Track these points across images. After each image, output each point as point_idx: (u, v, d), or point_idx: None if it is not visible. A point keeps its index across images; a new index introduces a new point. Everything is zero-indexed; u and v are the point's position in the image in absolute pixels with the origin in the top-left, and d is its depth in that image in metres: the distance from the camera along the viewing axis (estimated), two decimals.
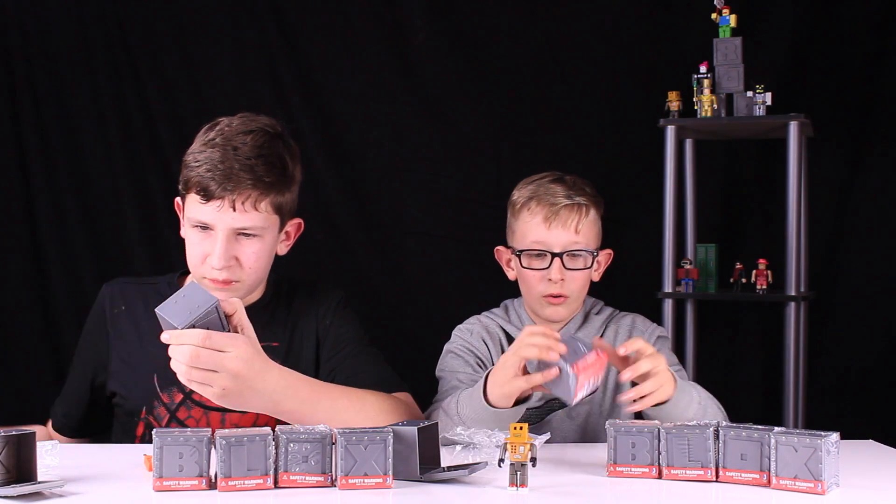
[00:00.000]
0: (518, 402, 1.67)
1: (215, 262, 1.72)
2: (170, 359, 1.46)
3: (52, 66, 3.29)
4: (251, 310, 1.82)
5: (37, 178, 3.28)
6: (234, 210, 1.71)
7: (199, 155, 1.73)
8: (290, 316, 1.90)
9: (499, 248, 2.10)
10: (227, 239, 1.72)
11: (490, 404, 1.65)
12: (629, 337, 2.02)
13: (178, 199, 1.83)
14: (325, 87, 3.31)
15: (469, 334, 2.06)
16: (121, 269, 2.03)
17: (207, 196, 1.70)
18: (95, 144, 3.29)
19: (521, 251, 1.99)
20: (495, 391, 1.66)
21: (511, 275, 2.07)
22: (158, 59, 3.30)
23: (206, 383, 1.46)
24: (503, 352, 2.03)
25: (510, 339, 2.05)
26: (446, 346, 2.08)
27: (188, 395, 1.81)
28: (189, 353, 1.44)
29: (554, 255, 1.95)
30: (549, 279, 1.95)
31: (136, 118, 3.28)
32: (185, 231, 1.80)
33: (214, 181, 1.69)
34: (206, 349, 1.45)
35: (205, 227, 1.74)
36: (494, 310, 2.12)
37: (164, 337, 1.45)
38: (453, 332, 2.10)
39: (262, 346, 1.80)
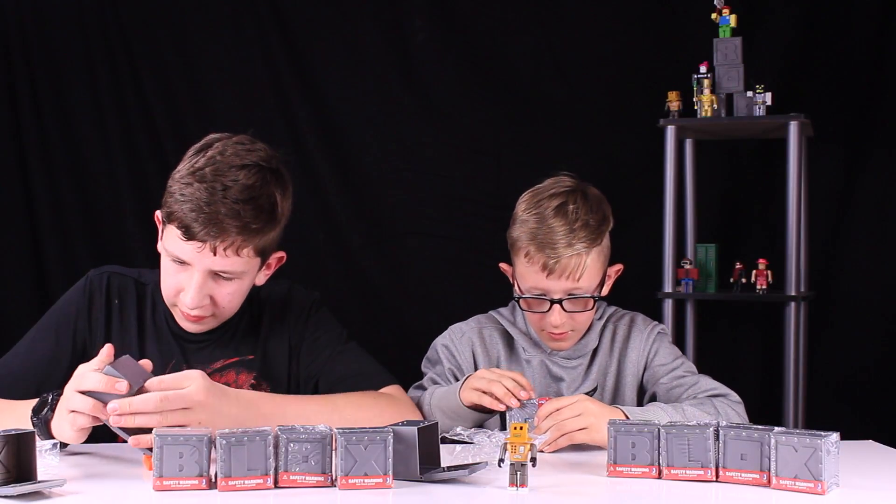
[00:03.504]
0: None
1: (188, 301, 1.66)
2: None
3: (52, 66, 3.29)
4: (224, 326, 1.80)
5: (37, 178, 3.29)
6: (215, 255, 1.63)
7: (186, 188, 1.62)
8: (263, 327, 1.84)
9: (502, 264, 2.04)
10: (203, 279, 1.66)
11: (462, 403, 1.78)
12: (628, 336, 2.01)
13: (158, 212, 1.74)
14: (325, 86, 3.32)
15: (460, 336, 2.03)
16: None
17: (189, 236, 1.62)
18: (95, 144, 3.30)
19: (521, 297, 1.94)
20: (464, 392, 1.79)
21: (517, 292, 2.03)
22: (158, 59, 3.31)
23: (184, 424, 1.46)
24: (498, 362, 2.01)
25: (510, 343, 2.03)
26: (436, 340, 2.06)
27: None
28: (156, 399, 1.44)
29: (553, 301, 1.90)
30: (550, 321, 1.91)
31: (136, 118, 3.29)
32: (162, 257, 1.73)
33: (198, 223, 1.60)
34: (169, 391, 1.46)
35: (182, 262, 1.67)
36: (502, 309, 2.08)
37: (114, 406, 1.42)
38: (449, 328, 2.06)
39: (238, 360, 1.77)
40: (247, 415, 1.56)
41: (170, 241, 1.67)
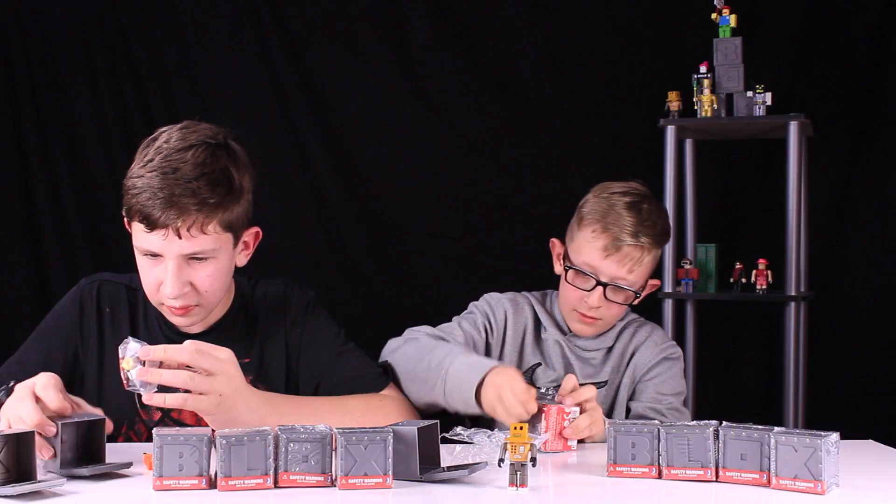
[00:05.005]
0: None
1: (168, 291, 1.65)
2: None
3: (52, 66, 3.29)
4: (218, 327, 1.80)
5: (37, 179, 3.29)
6: (180, 237, 1.62)
7: (138, 180, 1.62)
8: (259, 329, 1.84)
9: (554, 239, 2.07)
10: (177, 267, 1.64)
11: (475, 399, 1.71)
12: (643, 343, 2.02)
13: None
14: (325, 87, 3.32)
15: (496, 301, 2.05)
16: (120, 269, 2.03)
17: (151, 225, 1.61)
18: (95, 145, 3.30)
19: (571, 267, 1.96)
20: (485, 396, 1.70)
21: (558, 269, 2.04)
22: (158, 59, 3.31)
23: (207, 391, 1.47)
24: (524, 335, 2.02)
25: (537, 323, 2.04)
26: (471, 303, 2.07)
27: (166, 412, 1.77)
28: (190, 349, 1.47)
29: (599, 282, 1.93)
30: (587, 301, 1.94)
31: (135, 118, 3.28)
32: (137, 258, 1.72)
33: (156, 209, 1.60)
34: (203, 352, 1.48)
35: (154, 255, 1.66)
36: (535, 292, 2.11)
37: (156, 351, 1.46)
38: (483, 295, 2.08)
39: None
40: (267, 409, 1.58)
41: (137, 237, 1.67)
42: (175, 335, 1.79)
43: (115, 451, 1.64)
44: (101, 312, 1.81)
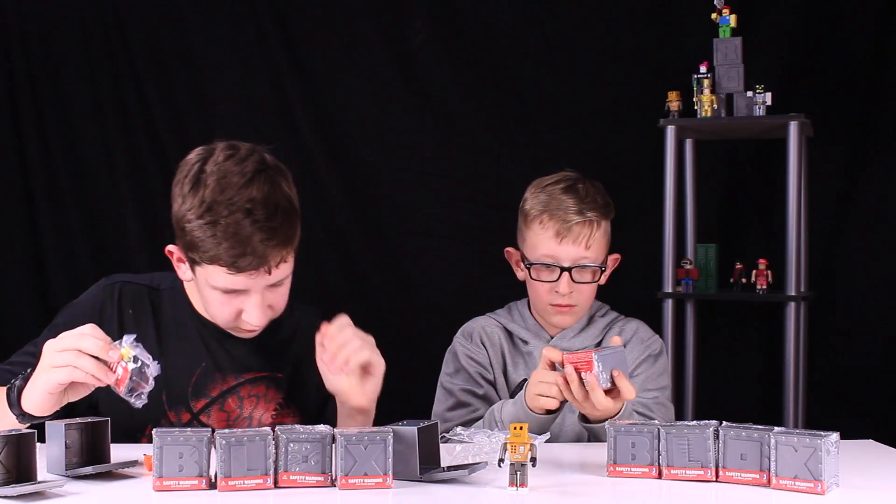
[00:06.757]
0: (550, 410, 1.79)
1: (255, 321, 1.68)
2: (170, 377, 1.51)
3: (52, 66, 3.29)
4: (253, 341, 1.79)
5: (37, 179, 3.28)
6: (270, 274, 1.63)
7: (209, 229, 1.56)
8: (293, 350, 1.84)
9: (508, 249, 2.12)
10: (262, 297, 1.67)
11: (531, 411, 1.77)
12: (630, 339, 2.05)
13: (172, 248, 1.70)
14: (325, 87, 3.32)
15: (469, 340, 2.08)
16: (120, 269, 2.03)
17: (237, 270, 1.59)
18: (95, 144, 3.30)
19: (531, 263, 2.00)
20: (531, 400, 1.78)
21: (520, 275, 2.09)
22: (158, 59, 3.31)
23: (374, 349, 1.60)
24: (503, 354, 2.05)
25: (511, 338, 2.07)
26: (449, 352, 2.10)
27: (196, 415, 1.77)
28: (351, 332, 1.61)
29: (563, 269, 1.97)
30: (557, 291, 1.98)
31: (136, 118, 3.28)
32: (203, 290, 1.69)
33: (243, 259, 1.57)
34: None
35: (235, 291, 1.65)
36: (498, 311, 2.14)
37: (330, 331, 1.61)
38: (455, 338, 2.11)
39: (268, 376, 1.80)
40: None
41: (214, 277, 1.63)
42: (212, 338, 1.79)
43: (114, 452, 1.64)
44: (122, 314, 1.80)
